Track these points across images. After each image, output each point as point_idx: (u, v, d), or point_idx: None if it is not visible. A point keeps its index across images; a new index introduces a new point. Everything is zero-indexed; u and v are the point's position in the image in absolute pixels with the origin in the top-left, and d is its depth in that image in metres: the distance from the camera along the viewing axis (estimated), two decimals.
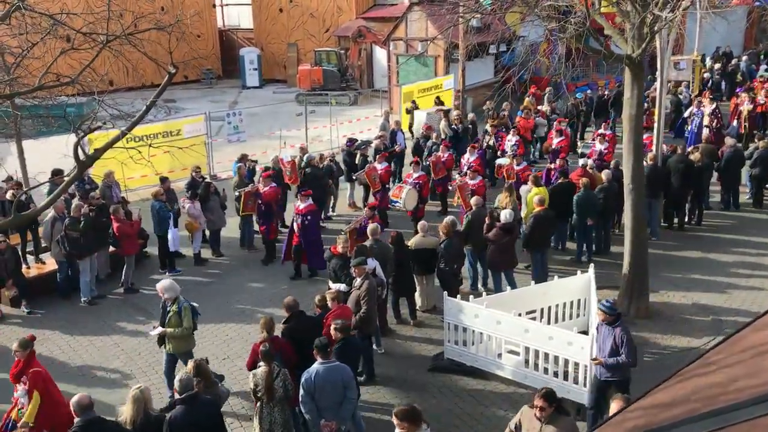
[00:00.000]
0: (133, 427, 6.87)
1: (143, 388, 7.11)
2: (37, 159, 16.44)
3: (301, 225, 13.44)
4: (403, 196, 15.41)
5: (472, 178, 15.10)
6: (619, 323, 8.32)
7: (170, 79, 6.13)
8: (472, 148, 17.40)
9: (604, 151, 17.15)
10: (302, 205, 13.60)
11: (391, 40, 28.60)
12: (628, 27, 10.82)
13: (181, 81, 34.78)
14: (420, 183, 15.82)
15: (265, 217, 14.62)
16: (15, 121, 13.81)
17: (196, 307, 9.74)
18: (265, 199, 14.45)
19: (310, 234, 13.51)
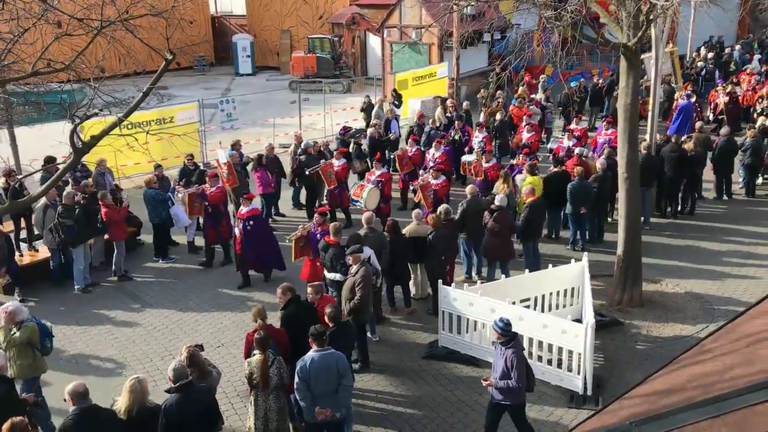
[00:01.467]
0: (128, 417, 6.86)
1: (141, 379, 7.06)
2: (29, 146, 16.34)
3: (244, 231, 12.61)
4: (364, 196, 14.69)
5: (435, 177, 14.35)
6: (513, 344, 7.74)
7: (167, 65, 6.09)
8: (437, 144, 16.55)
9: (572, 147, 16.37)
10: (245, 209, 12.67)
11: (386, 28, 28.49)
12: (624, 15, 10.79)
13: (174, 68, 34.57)
14: (382, 181, 15.10)
15: (213, 220, 13.81)
16: (7, 108, 13.67)
17: (48, 327, 8.95)
18: (211, 201, 13.66)
19: (256, 239, 12.70)
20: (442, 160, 15.99)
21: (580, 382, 9.37)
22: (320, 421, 7.64)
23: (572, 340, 9.29)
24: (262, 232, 12.84)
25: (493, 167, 15.26)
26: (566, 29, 10.72)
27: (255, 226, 12.67)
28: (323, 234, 11.26)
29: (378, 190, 14.92)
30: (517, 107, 20.43)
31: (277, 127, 22.32)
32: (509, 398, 7.85)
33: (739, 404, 3.36)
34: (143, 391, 6.95)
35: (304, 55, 31.27)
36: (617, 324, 11.24)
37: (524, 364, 7.79)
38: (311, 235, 11.62)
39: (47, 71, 6.82)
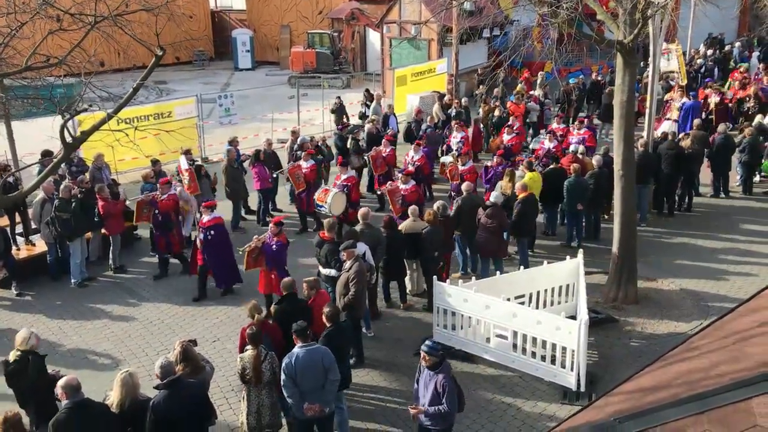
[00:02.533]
0: (121, 411, 6.89)
1: (132, 372, 7.10)
2: (26, 140, 16.33)
3: (204, 240, 12.06)
4: (329, 201, 13.84)
5: (405, 182, 13.65)
6: (443, 368, 7.26)
7: (157, 61, 6.09)
8: (417, 146, 16.05)
9: (552, 150, 16.04)
10: (206, 217, 12.11)
11: (385, 23, 28.45)
12: (621, 12, 10.79)
13: (173, 62, 34.57)
14: (348, 185, 14.47)
15: (163, 229, 13.13)
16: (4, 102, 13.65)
17: None
18: (162, 209, 13.04)
19: (215, 249, 12.15)
20: (421, 162, 15.54)
21: (573, 378, 9.40)
22: (309, 416, 7.66)
23: (566, 336, 9.31)
24: (222, 243, 12.30)
25: (470, 170, 14.78)
26: (563, 26, 10.72)
27: (216, 235, 12.11)
28: (278, 245, 11.06)
29: (344, 194, 14.20)
30: (515, 104, 20.42)
31: (275, 122, 22.31)
32: (439, 423, 7.44)
33: (723, 401, 3.38)
34: (134, 384, 6.98)
35: (303, 51, 31.24)
36: (612, 321, 11.26)
37: (455, 388, 7.41)
38: (266, 246, 11.19)
39: (40, 66, 6.83)
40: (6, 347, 11.07)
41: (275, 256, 11.16)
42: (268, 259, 11.20)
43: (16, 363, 7.81)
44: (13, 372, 7.81)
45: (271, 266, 11.21)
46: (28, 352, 7.87)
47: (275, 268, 11.19)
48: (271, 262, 11.19)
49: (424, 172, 15.59)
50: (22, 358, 7.80)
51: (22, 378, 7.80)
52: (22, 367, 7.78)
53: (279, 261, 11.25)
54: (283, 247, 11.24)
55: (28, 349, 7.88)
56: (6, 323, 11.75)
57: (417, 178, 14.91)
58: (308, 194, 14.91)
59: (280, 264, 11.28)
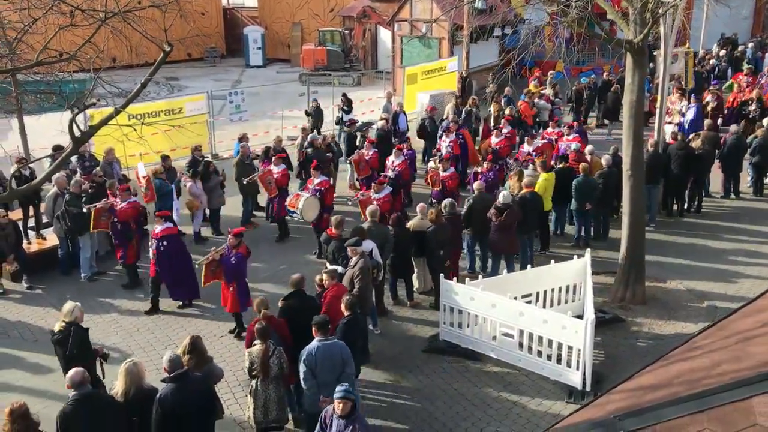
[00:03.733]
0: (125, 400, 6.98)
1: (136, 362, 7.23)
2: (38, 135, 16.46)
3: (158, 251, 11.49)
4: (300, 206, 13.21)
5: (377, 191, 12.98)
6: (357, 415, 6.68)
7: (165, 57, 6.13)
8: (398, 151, 15.44)
9: (533, 153, 15.65)
10: (159, 228, 11.57)
11: (396, 21, 28.46)
12: (631, 11, 10.76)
13: (185, 59, 34.70)
14: (321, 190, 13.71)
15: (122, 238, 12.51)
16: (16, 96, 13.82)
17: None
18: (120, 218, 12.39)
19: (169, 261, 11.57)
20: (402, 169, 15.07)
21: (579, 377, 9.40)
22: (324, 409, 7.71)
23: (572, 335, 9.32)
24: (177, 253, 11.70)
25: (452, 176, 14.36)
26: (573, 25, 10.71)
27: (170, 246, 11.56)
28: (238, 257, 10.55)
29: (317, 199, 13.47)
30: (526, 102, 20.38)
31: (285, 119, 22.38)
32: None
33: (723, 400, 3.40)
34: (139, 373, 7.10)
35: (314, 48, 31.29)
36: (619, 321, 11.25)
37: None
38: (224, 259, 10.63)
39: (51, 61, 6.90)
40: (17, 339, 11.23)
41: (235, 270, 10.57)
42: (227, 272, 10.61)
43: (60, 333, 8.34)
44: (57, 341, 8.39)
45: (230, 280, 10.61)
46: (71, 323, 8.35)
47: (235, 282, 10.62)
48: (230, 275, 10.58)
49: (404, 178, 15.06)
50: (65, 328, 8.32)
51: (63, 346, 8.33)
52: (64, 337, 8.29)
53: (239, 274, 10.67)
54: (242, 260, 10.66)
55: (71, 320, 8.37)
56: (16, 316, 11.87)
57: (397, 185, 14.58)
58: (280, 200, 14.37)
59: (241, 277, 10.72)
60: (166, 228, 11.61)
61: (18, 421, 6.21)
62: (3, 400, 9.21)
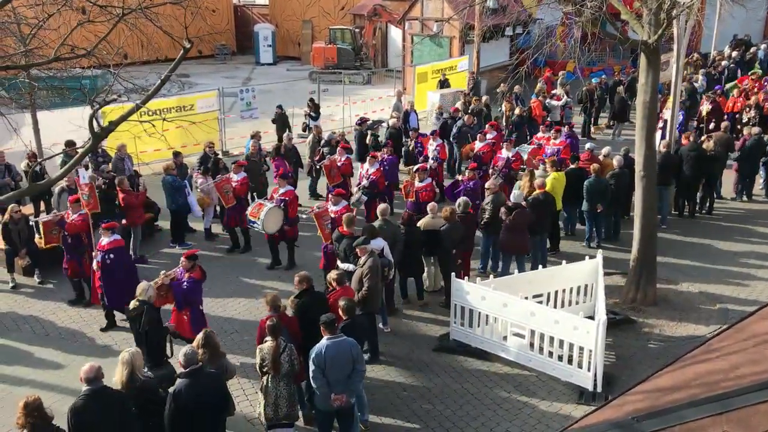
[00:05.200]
0: (122, 388, 7.06)
1: (133, 351, 7.32)
2: (51, 130, 16.53)
3: (102, 264, 10.85)
4: (262, 216, 12.47)
5: (335, 203, 12.11)
6: None
7: (185, 53, 6.16)
8: (372, 158, 14.76)
9: (511, 158, 15.12)
10: (105, 240, 10.93)
11: (407, 20, 28.45)
12: (645, 12, 10.72)
13: (195, 56, 34.75)
14: (286, 200, 12.89)
15: (72, 252, 11.81)
16: (30, 92, 13.89)
17: None
18: (70, 231, 11.76)
19: (113, 275, 10.92)
20: (377, 177, 14.44)
21: (590, 378, 9.38)
22: (336, 407, 7.73)
23: (583, 336, 9.29)
24: (124, 267, 11.09)
25: (426, 187, 13.55)
26: (587, 25, 10.67)
27: (116, 259, 10.90)
28: (190, 282, 9.64)
29: (280, 210, 12.74)
30: (539, 101, 20.33)
31: (295, 117, 22.40)
32: None
33: (743, 403, 3.38)
34: (134, 362, 7.17)
35: (324, 46, 31.32)
36: (630, 322, 11.21)
37: None
38: (174, 285, 9.72)
39: (69, 57, 6.94)
40: (28, 333, 11.29)
41: (187, 295, 9.67)
42: (178, 298, 9.69)
43: (134, 310, 8.82)
44: (131, 318, 8.91)
45: (181, 306, 9.72)
46: (144, 302, 8.78)
47: (187, 308, 9.71)
48: (182, 301, 9.69)
49: (379, 187, 14.47)
50: (138, 306, 8.78)
51: (136, 322, 8.78)
52: (138, 315, 8.73)
53: (191, 300, 9.71)
54: (196, 285, 9.72)
55: (145, 299, 8.80)
56: (28, 310, 11.93)
57: (372, 194, 14.28)
58: (239, 209, 13.67)
59: (194, 303, 9.77)
60: (113, 240, 10.98)
61: (32, 415, 6.24)
62: (16, 394, 9.30)
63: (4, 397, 9.63)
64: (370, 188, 14.36)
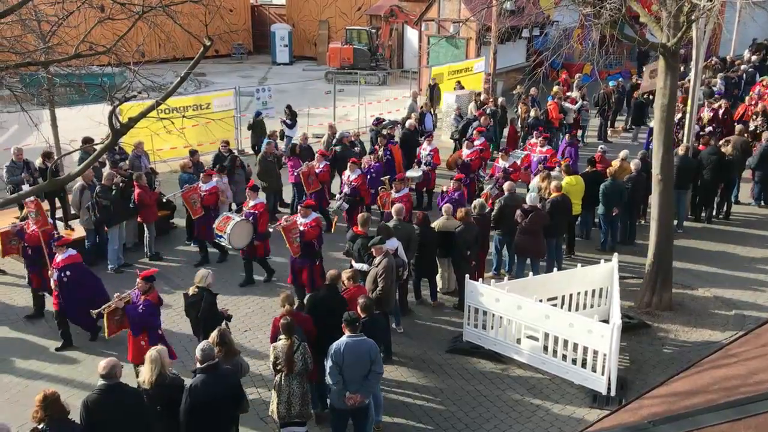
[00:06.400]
0: (150, 386, 7.10)
1: (160, 349, 7.37)
2: (68, 127, 16.65)
3: (59, 282, 10.33)
4: (228, 230, 11.76)
5: (305, 215, 11.40)
6: None
7: (205, 51, 6.19)
8: (353, 164, 14.30)
9: (509, 169, 14.79)
10: (60, 256, 10.41)
11: (423, 21, 28.43)
12: (665, 15, 10.65)
13: (212, 55, 34.92)
14: (255, 213, 12.18)
15: (32, 264, 11.36)
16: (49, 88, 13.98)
17: None
18: (30, 242, 11.30)
19: (72, 292, 10.41)
20: (358, 184, 14.03)
21: (604, 382, 9.33)
22: (349, 406, 7.73)
23: (598, 340, 9.24)
24: (82, 284, 10.53)
25: (403, 198, 12.99)
26: (605, 27, 10.62)
27: (72, 276, 10.37)
28: (146, 305, 8.99)
29: (249, 224, 12.01)
30: (555, 103, 20.26)
31: (311, 117, 22.46)
32: None
33: (762, 409, 3.34)
34: (162, 361, 7.22)
35: (341, 46, 31.37)
36: (645, 326, 11.14)
37: None
38: (129, 309, 9.11)
39: (89, 54, 6.98)
40: (44, 328, 11.37)
41: (143, 320, 9.02)
42: (133, 323, 9.07)
43: (193, 297, 9.07)
44: (190, 304, 9.13)
45: (137, 332, 9.09)
46: (203, 289, 9.06)
47: (145, 333, 9.08)
48: (138, 326, 9.06)
49: (361, 194, 14.06)
50: (197, 293, 9.04)
51: (196, 309, 9.02)
52: (196, 300, 9.00)
53: (148, 325, 9.08)
54: (153, 308, 9.10)
55: (204, 286, 9.07)
56: (46, 305, 12.01)
57: (354, 202, 14.00)
58: (207, 220, 13.11)
59: (152, 328, 9.14)
60: (68, 257, 10.45)
61: (49, 408, 6.29)
62: (32, 388, 9.38)
63: (21, 390, 9.73)
64: (352, 195, 13.93)
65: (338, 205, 14.31)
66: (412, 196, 14.20)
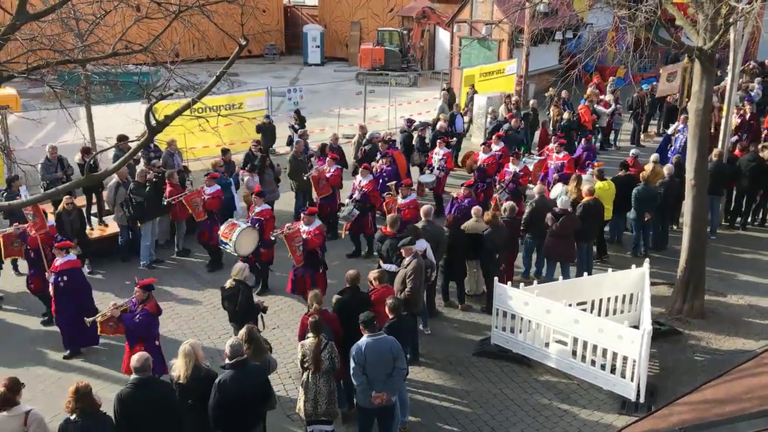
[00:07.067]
0: (185, 381, 7.19)
1: (193, 343, 7.46)
2: (104, 125, 16.93)
3: (56, 287, 10.10)
4: (234, 238, 11.53)
5: (308, 222, 11.11)
6: None
7: (240, 50, 6.27)
8: (364, 170, 13.94)
9: (519, 173, 14.38)
10: (59, 260, 10.14)
11: (456, 22, 28.35)
12: (701, 18, 10.50)
13: (245, 56, 35.21)
14: (262, 220, 12.01)
15: (38, 267, 11.14)
16: (86, 86, 14.24)
17: None
18: (32, 245, 11.18)
19: (70, 298, 10.21)
20: (369, 190, 13.58)
21: (633, 389, 9.23)
22: (376, 405, 7.75)
23: (628, 346, 9.14)
24: (78, 291, 10.31)
25: (410, 204, 12.54)
26: (640, 30, 10.50)
27: (69, 282, 10.13)
28: (143, 315, 8.83)
29: (255, 230, 11.79)
30: (587, 107, 20.06)
31: (341, 117, 22.54)
32: None
33: None
34: (197, 354, 7.32)
35: (372, 47, 31.44)
36: (676, 333, 10.99)
37: None
38: (125, 317, 8.89)
39: (126, 52, 7.11)
40: None
41: (139, 330, 8.84)
42: (130, 332, 8.86)
43: (230, 290, 9.34)
44: (228, 297, 9.38)
45: (133, 342, 8.87)
46: (240, 282, 9.32)
47: (141, 343, 8.83)
48: (134, 336, 8.86)
49: (371, 201, 13.67)
50: (234, 285, 9.31)
51: (233, 301, 9.30)
52: (233, 293, 9.28)
53: (145, 335, 8.91)
54: (150, 318, 8.88)
55: (241, 279, 9.34)
56: None
57: (365, 208, 13.56)
58: (211, 225, 12.92)
59: (149, 338, 8.94)
60: (66, 261, 10.18)
61: (82, 400, 6.41)
62: (66, 380, 9.56)
63: (55, 382, 9.92)
64: (362, 202, 13.53)
65: (349, 211, 14.02)
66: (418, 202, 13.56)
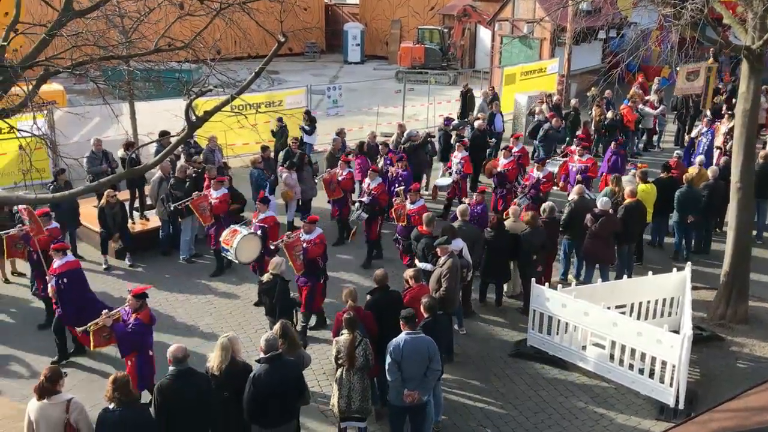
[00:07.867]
0: (220, 373, 7.28)
1: (231, 336, 7.54)
2: (146, 121, 17.23)
3: (57, 290, 9.84)
4: (235, 245, 11.16)
5: (309, 231, 10.79)
6: None
7: (280, 46, 6.31)
8: (373, 172, 13.65)
9: (542, 179, 14.10)
10: (57, 262, 9.91)
11: (497, 21, 28.16)
12: (750, 16, 10.24)
13: (286, 53, 35.48)
14: (265, 227, 11.72)
15: (40, 269, 10.82)
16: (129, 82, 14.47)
17: None
18: (34, 247, 10.91)
19: (71, 300, 9.90)
20: (378, 193, 13.28)
21: (672, 395, 9.05)
22: (408, 403, 7.74)
23: (667, 350, 8.97)
24: (78, 292, 10.04)
25: (419, 210, 12.14)
26: (685, 29, 10.29)
27: (69, 284, 9.87)
28: (136, 325, 8.45)
29: (257, 237, 11.45)
30: (629, 107, 19.73)
31: (380, 116, 22.55)
32: None
33: None
34: (233, 347, 7.39)
35: (412, 46, 31.40)
36: (717, 339, 10.76)
37: None
38: (116, 327, 8.50)
39: (168, 49, 7.22)
40: None
41: (132, 339, 8.47)
42: (122, 342, 8.49)
43: (267, 283, 9.64)
44: (265, 290, 9.73)
45: (126, 352, 8.56)
46: (276, 276, 9.56)
47: (135, 353, 8.58)
48: (126, 346, 8.51)
49: (381, 204, 13.36)
50: (271, 279, 9.58)
51: (269, 295, 9.60)
52: (270, 286, 9.57)
53: (137, 345, 8.55)
54: (143, 328, 8.52)
55: (277, 273, 9.58)
56: (119, 292, 12.44)
57: (373, 212, 13.24)
58: (217, 230, 12.58)
59: (141, 349, 8.62)
60: (65, 263, 9.95)
61: (120, 390, 6.54)
62: (106, 371, 9.76)
63: (95, 371, 10.12)
64: (371, 205, 13.23)
65: (357, 215, 13.67)
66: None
